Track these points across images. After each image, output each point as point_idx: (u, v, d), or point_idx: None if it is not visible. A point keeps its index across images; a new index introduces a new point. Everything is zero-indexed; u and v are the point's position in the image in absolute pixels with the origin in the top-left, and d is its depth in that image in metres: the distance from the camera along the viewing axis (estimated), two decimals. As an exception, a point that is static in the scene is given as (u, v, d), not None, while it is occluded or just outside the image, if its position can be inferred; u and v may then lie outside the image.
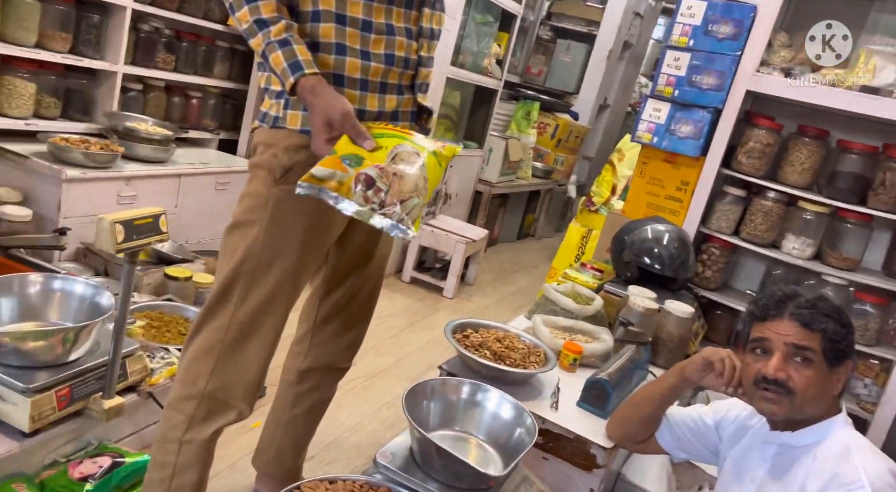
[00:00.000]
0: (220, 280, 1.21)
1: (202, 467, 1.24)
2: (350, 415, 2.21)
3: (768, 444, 1.30)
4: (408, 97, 1.26)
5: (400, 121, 1.27)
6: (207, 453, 1.24)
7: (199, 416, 1.20)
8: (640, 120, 2.59)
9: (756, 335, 1.27)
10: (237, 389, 1.21)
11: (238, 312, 1.19)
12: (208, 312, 1.21)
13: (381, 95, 1.21)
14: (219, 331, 1.19)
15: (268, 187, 1.19)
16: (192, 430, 1.21)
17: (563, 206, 6.04)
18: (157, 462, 1.24)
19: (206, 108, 3.32)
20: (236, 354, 1.20)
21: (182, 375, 1.22)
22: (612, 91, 6.08)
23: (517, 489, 1.47)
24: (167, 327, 2.00)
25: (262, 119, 1.24)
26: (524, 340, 1.88)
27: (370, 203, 1.05)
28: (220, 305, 1.20)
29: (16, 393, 1.36)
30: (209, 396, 1.20)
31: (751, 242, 2.48)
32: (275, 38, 1.07)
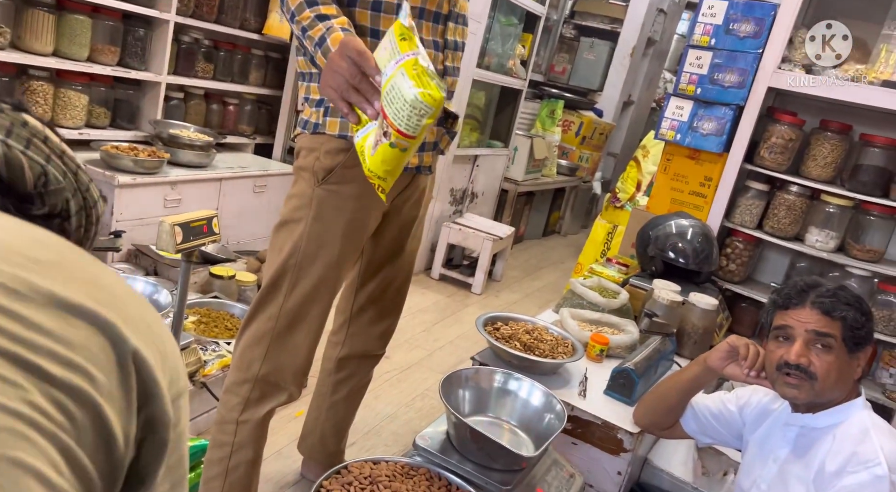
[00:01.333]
0: (269, 273, 1.32)
1: (257, 446, 1.35)
2: (386, 405, 2.32)
3: (790, 426, 1.36)
4: None
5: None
6: (262, 433, 1.36)
7: (253, 398, 1.32)
8: (663, 118, 2.64)
9: (778, 323, 1.33)
10: (287, 372, 1.32)
11: (287, 302, 1.30)
12: (260, 303, 1.32)
13: None
14: (270, 320, 1.30)
15: (311, 188, 1.29)
16: (248, 411, 1.32)
17: (588, 202, 6.08)
18: (216, 442, 1.36)
19: (243, 114, 3.46)
20: (286, 341, 1.31)
21: (237, 361, 1.34)
22: (636, 88, 6.11)
23: (548, 472, 1.55)
24: (215, 323, 2.13)
25: (303, 126, 1.34)
26: (552, 332, 1.96)
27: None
28: (270, 296, 1.31)
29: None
30: (262, 379, 1.31)
31: (774, 236, 2.53)
32: (338, 25, 1.11)
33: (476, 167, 4.18)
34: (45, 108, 2.44)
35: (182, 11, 2.82)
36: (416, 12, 1.25)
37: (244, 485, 1.35)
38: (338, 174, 1.27)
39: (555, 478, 1.55)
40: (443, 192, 3.88)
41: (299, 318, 1.30)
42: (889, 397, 2.34)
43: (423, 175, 1.42)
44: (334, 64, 1.00)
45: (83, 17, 2.47)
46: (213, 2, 2.99)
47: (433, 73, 0.93)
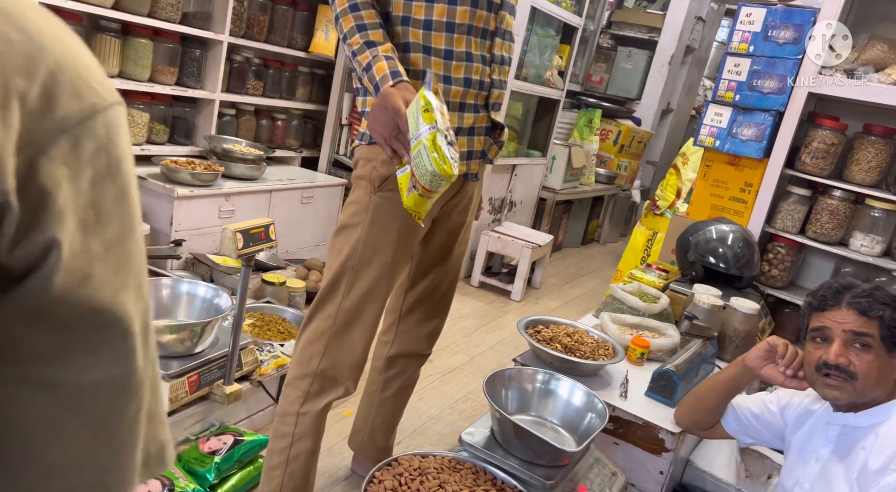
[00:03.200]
0: (328, 275, 1.41)
1: (316, 437, 1.45)
2: (430, 406, 2.39)
3: (832, 425, 1.38)
4: (483, 115, 1.44)
5: (475, 135, 1.44)
6: (320, 424, 1.45)
7: (312, 391, 1.41)
8: (701, 124, 2.67)
9: (815, 325, 1.35)
10: (344, 368, 1.41)
11: (345, 302, 1.39)
12: (320, 303, 1.42)
13: (460, 113, 1.39)
14: (329, 318, 1.39)
15: (368, 195, 1.38)
16: (308, 403, 1.41)
17: (627, 211, 6.07)
18: (277, 433, 1.46)
19: (290, 128, 3.61)
20: (344, 338, 1.39)
21: (298, 357, 1.43)
22: (675, 95, 6.09)
23: (591, 469, 1.60)
24: (268, 326, 2.24)
25: (360, 138, 1.44)
26: (593, 335, 2.01)
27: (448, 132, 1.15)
28: (329, 295, 1.40)
29: (157, 378, 1.60)
30: (321, 374, 1.40)
31: (817, 241, 2.52)
32: (382, 53, 1.24)
33: (514, 176, 4.24)
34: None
35: (234, 32, 2.98)
36: (465, 28, 1.33)
37: (303, 474, 1.44)
38: (392, 182, 1.36)
39: (597, 475, 1.59)
40: (482, 201, 3.96)
41: (356, 316, 1.39)
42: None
43: (470, 182, 1.50)
44: (378, 112, 1.18)
45: (145, 40, 2.64)
46: (263, 22, 3.15)
47: (448, 148, 1.11)
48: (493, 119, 1.45)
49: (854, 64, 2.40)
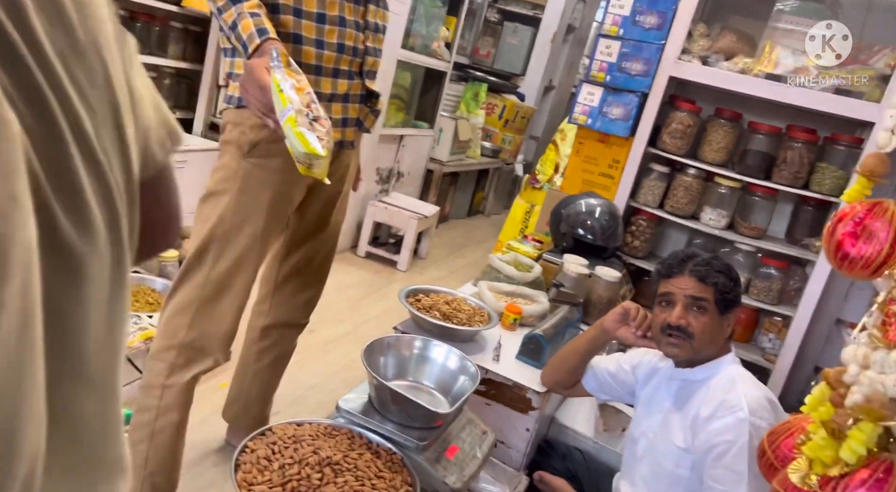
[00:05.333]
0: (195, 243, 1.36)
1: (183, 409, 1.40)
2: (311, 375, 2.39)
3: (673, 380, 1.54)
4: (357, 82, 1.42)
5: (350, 102, 1.43)
6: (187, 397, 1.41)
7: (179, 363, 1.36)
8: (576, 103, 2.81)
9: (662, 290, 1.50)
10: (213, 339, 1.37)
11: (213, 272, 1.34)
12: (186, 272, 1.36)
13: (334, 80, 1.37)
14: (196, 288, 1.35)
15: (237, 161, 1.34)
16: (173, 376, 1.37)
17: (511, 184, 6.27)
18: (142, 406, 1.40)
19: (161, 88, 3.38)
20: (212, 308, 1.36)
21: (163, 328, 1.38)
22: (556, 73, 6.32)
23: (463, 429, 1.68)
24: (135, 297, 2.13)
25: (228, 101, 1.38)
26: (470, 302, 2.09)
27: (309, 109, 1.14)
28: (196, 265, 1.35)
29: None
30: (188, 345, 1.36)
31: (674, 215, 2.75)
32: (248, 9, 1.20)
33: (402, 147, 4.25)
34: None
35: (95, -21, 2.72)
36: None
37: (170, 448, 1.40)
38: (263, 148, 1.32)
39: (469, 435, 1.67)
40: (369, 171, 3.93)
41: (225, 286, 1.35)
42: (767, 360, 2.63)
43: (346, 150, 1.50)
44: (248, 85, 1.16)
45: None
46: (128, -30, 2.90)
47: (309, 127, 1.11)
48: (367, 87, 1.45)
49: (708, 52, 2.61)
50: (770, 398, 1.41)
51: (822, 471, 0.71)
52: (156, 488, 1.40)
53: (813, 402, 0.81)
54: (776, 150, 2.58)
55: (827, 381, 0.81)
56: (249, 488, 1.27)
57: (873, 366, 0.73)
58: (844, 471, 0.67)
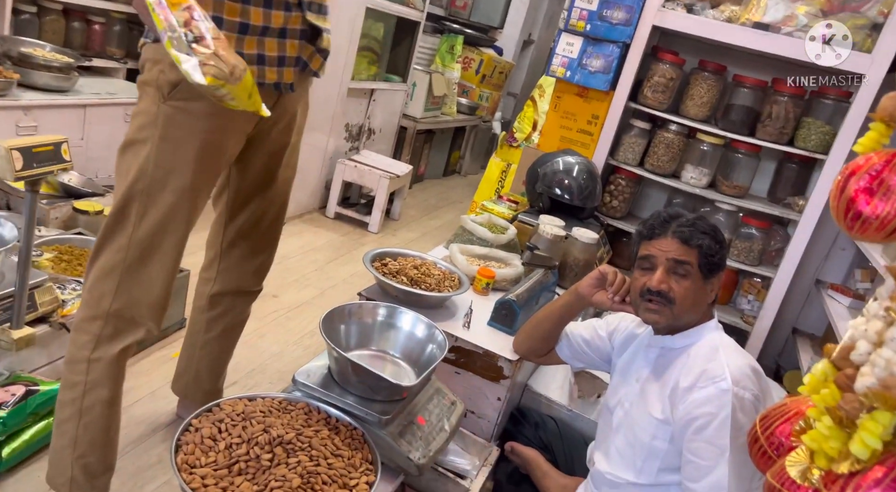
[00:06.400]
0: (116, 200, 1.20)
1: (113, 384, 1.26)
2: (272, 343, 2.27)
3: (651, 348, 1.45)
4: (296, 14, 1.24)
5: (287, 38, 1.24)
6: (118, 371, 1.26)
7: (105, 334, 1.22)
8: (553, 54, 2.65)
9: (643, 253, 1.40)
10: (142, 307, 1.23)
11: (137, 232, 1.19)
12: (108, 233, 1.21)
13: (266, 10, 1.19)
14: (119, 251, 1.20)
15: (157, 105, 1.17)
16: (100, 348, 1.23)
17: (488, 142, 6.11)
18: (67, 383, 1.26)
19: (111, 34, 3.13)
20: (139, 273, 1.21)
21: (87, 296, 1.23)
22: (536, 27, 6.10)
23: (430, 400, 1.58)
24: (78, 261, 1.97)
25: (146, 35, 1.20)
26: (440, 266, 1.97)
27: (188, 28, 0.96)
28: (118, 225, 1.20)
29: (-83, 325, 1.34)
30: (115, 314, 1.22)
31: (654, 173, 2.64)
32: None
33: (373, 102, 4.05)
34: None
35: None
36: None
37: (102, 426, 1.26)
38: (185, 89, 1.14)
39: (436, 406, 1.58)
40: (337, 126, 3.75)
41: (151, 249, 1.20)
42: (746, 322, 2.57)
43: (287, 95, 1.32)
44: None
45: None
46: None
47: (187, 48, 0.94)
48: (309, 21, 1.27)
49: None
50: (754, 367, 1.33)
51: (826, 465, 0.62)
52: (88, 471, 1.27)
53: (813, 382, 0.70)
54: (761, 104, 2.47)
55: (829, 358, 0.71)
56: (191, 470, 1.16)
57: (889, 344, 0.63)
58: (855, 468, 0.57)
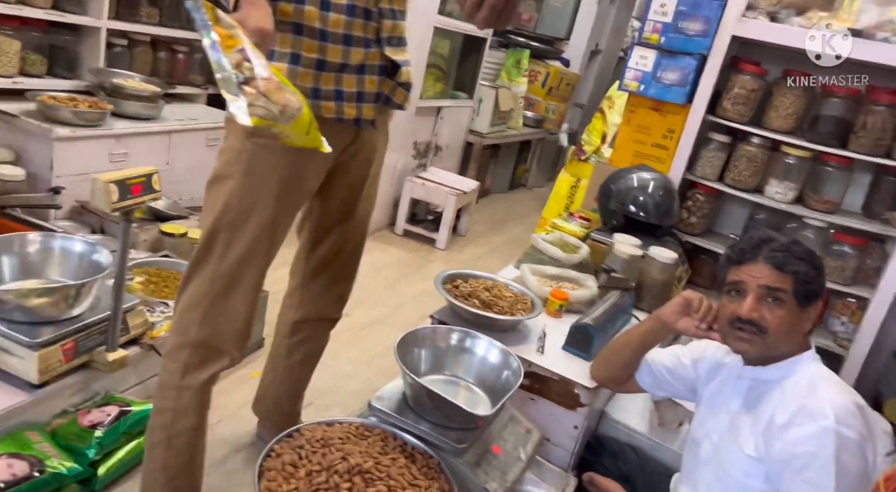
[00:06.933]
0: (203, 233, 1.25)
1: (200, 412, 1.31)
2: (346, 363, 2.30)
3: (742, 379, 1.37)
4: (374, 51, 1.25)
5: (367, 74, 1.26)
6: (204, 398, 1.31)
7: (193, 363, 1.27)
8: (626, 68, 2.59)
9: (732, 279, 1.33)
10: (227, 336, 1.27)
11: (222, 263, 1.23)
12: (195, 264, 1.26)
13: (346, 48, 1.20)
14: (205, 282, 1.24)
15: (241, 141, 1.21)
16: (188, 376, 1.27)
17: (554, 155, 6.04)
18: (158, 408, 1.31)
19: (194, 63, 3.28)
20: (223, 304, 1.25)
21: (175, 325, 1.28)
22: (603, 36, 6.00)
23: (505, 428, 1.56)
24: (165, 283, 2.06)
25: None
26: (512, 288, 1.94)
27: (239, 70, 0.96)
28: (205, 257, 1.24)
29: (22, 347, 1.42)
30: (201, 344, 1.26)
31: (735, 188, 2.52)
32: None
33: (440, 119, 4.08)
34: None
35: (120, -50, 2.62)
36: None
37: (189, 452, 1.31)
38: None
39: (511, 434, 1.55)
40: (406, 145, 3.79)
41: (235, 280, 1.24)
42: (839, 345, 2.41)
43: (367, 130, 1.34)
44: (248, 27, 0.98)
45: (8, -46, 2.28)
46: (153, -60, 2.79)
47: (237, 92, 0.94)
48: (388, 56, 1.28)
49: (777, 6, 2.35)
50: (859, 403, 1.23)
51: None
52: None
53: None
54: (853, 115, 2.32)
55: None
56: (274, 497, 1.17)
57: None
58: None
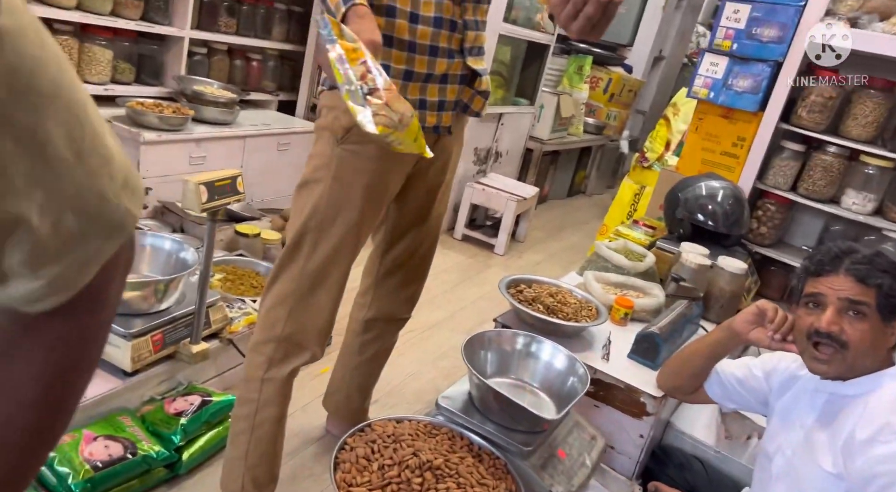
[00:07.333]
0: (291, 234, 1.32)
1: (282, 403, 1.38)
2: (409, 363, 2.35)
3: (818, 392, 1.34)
4: (457, 61, 1.30)
5: (449, 84, 1.31)
6: (286, 391, 1.38)
7: (277, 357, 1.34)
8: (696, 75, 2.55)
9: (810, 290, 1.29)
10: (310, 332, 1.33)
11: (308, 264, 1.29)
12: (283, 264, 1.33)
13: (431, 58, 1.25)
14: (292, 281, 1.31)
15: (331, 147, 1.27)
16: (272, 369, 1.34)
17: (614, 162, 5.97)
18: (242, 399, 1.39)
19: (266, 70, 3.42)
20: (308, 302, 1.31)
21: (262, 321, 1.35)
22: (667, 42, 5.90)
23: (570, 434, 1.56)
24: (241, 280, 2.15)
25: (322, 83, 1.31)
26: (576, 295, 1.95)
27: (364, 81, 1.01)
28: (292, 257, 1.31)
29: (118, 337, 1.52)
30: (286, 339, 1.33)
31: (809, 198, 2.45)
32: None
33: (501, 126, 4.10)
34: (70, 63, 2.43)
35: (203, -36, 2.77)
36: None
37: (270, 441, 1.38)
38: (357, 133, 1.24)
39: (576, 439, 1.56)
40: (466, 151, 3.82)
41: (320, 279, 1.30)
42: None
43: (445, 137, 1.39)
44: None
45: (104, -30, 2.44)
46: (234, -46, 2.93)
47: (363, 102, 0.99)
48: (469, 66, 1.32)
49: (859, 11, 2.28)
50: (947, 422, 1.19)
51: None
52: (257, 481, 1.39)
53: None
54: (941, 124, 2.22)
55: None
56: (349, 489, 1.22)
57: None
58: None
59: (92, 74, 2.53)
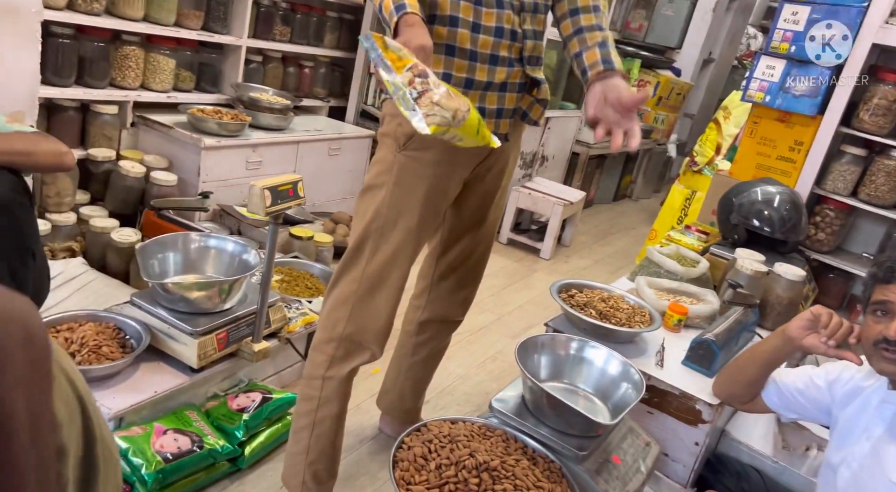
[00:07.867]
0: (353, 238, 1.36)
1: (342, 401, 1.42)
2: (458, 366, 2.37)
3: (887, 403, 1.30)
4: (517, 69, 1.32)
5: (507, 92, 1.33)
6: (346, 389, 1.42)
7: (338, 356, 1.38)
8: (751, 78, 2.51)
9: (878, 298, 1.26)
10: (370, 333, 1.37)
11: (369, 266, 1.33)
12: (345, 265, 1.37)
13: (492, 67, 1.28)
14: (353, 282, 1.35)
15: (393, 154, 1.31)
16: (333, 368, 1.38)
17: (661, 166, 5.88)
18: (304, 396, 1.44)
19: (318, 76, 3.50)
20: (368, 303, 1.35)
21: (324, 321, 1.39)
22: (717, 44, 5.79)
23: (624, 439, 1.56)
24: (296, 282, 2.21)
25: (385, 91, 1.35)
26: (628, 300, 1.94)
27: (412, 86, 1.03)
28: (354, 259, 1.35)
29: (186, 335, 1.59)
30: (347, 338, 1.37)
31: (871, 204, 2.38)
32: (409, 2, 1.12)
33: (547, 130, 4.10)
34: (136, 72, 2.55)
35: (260, -25, 2.86)
36: None
37: (330, 437, 1.42)
38: (418, 140, 1.27)
39: (630, 445, 1.55)
40: (513, 155, 3.84)
41: (381, 281, 1.34)
42: None
43: (504, 144, 1.41)
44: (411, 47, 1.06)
45: (169, -18, 2.54)
46: (289, -36, 3.01)
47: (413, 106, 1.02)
48: (529, 75, 1.34)
49: (926, 13, 2.21)
50: None
51: None
52: (317, 477, 1.43)
53: None
54: None
55: None
56: (408, 487, 1.25)
57: None
58: None
59: (156, 82, 2.64)
